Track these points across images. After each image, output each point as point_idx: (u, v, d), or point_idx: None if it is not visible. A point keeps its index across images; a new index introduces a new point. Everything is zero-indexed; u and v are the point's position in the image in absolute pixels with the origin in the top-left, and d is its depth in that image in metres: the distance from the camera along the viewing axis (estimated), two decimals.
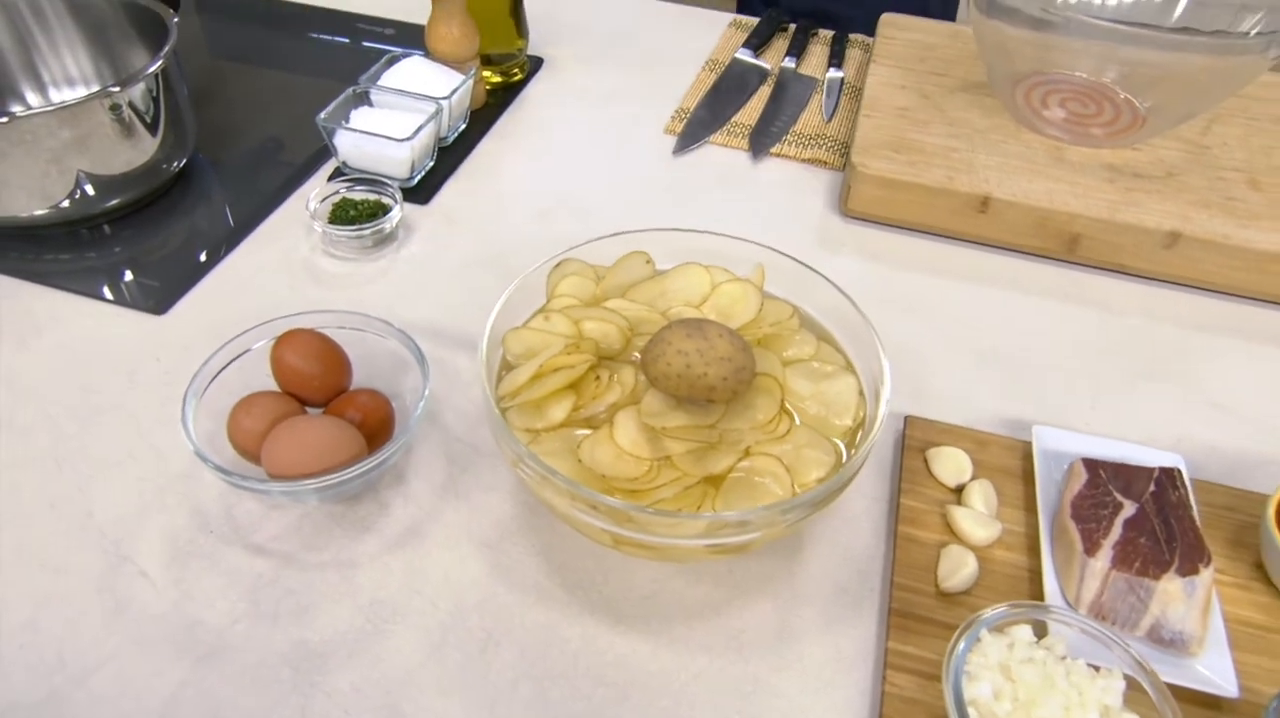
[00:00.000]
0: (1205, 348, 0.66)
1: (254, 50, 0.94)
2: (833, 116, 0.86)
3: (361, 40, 0.95)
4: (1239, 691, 0.44)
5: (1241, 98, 0.82)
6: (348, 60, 0.91)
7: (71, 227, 0.70)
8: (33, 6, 0.72)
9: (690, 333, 0.47)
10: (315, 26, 0.98)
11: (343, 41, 0.96)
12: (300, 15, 0.99)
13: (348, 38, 0.96)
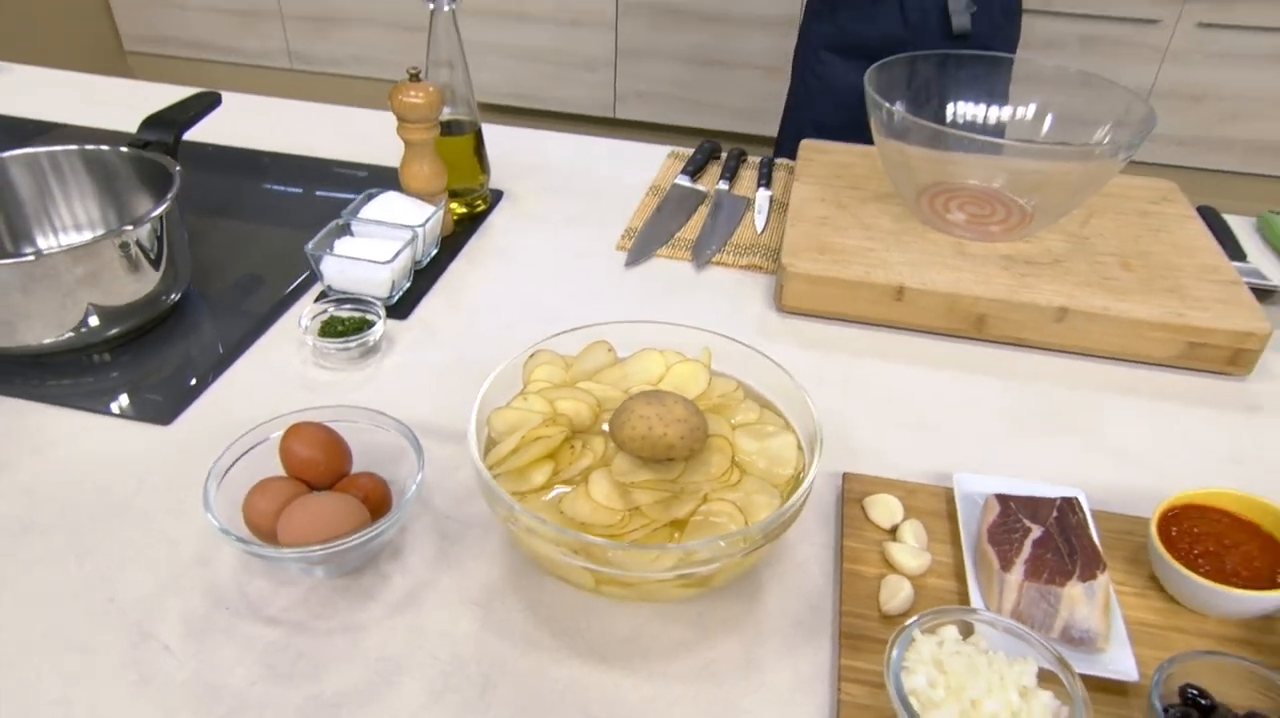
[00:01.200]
0: (1096, 404, 0.77)
1: (237, 195, 1.05)
2: (764, 229, 1.00)
3: (337, 182, 1.07)
4: (1139, 677, 0.52)
5: (1112, 196, 0.98)
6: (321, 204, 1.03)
7: (76, 353, 0.78)
8: (52, 161, 0.83)
9: (650, 401, 0.57)
10: (294, 172, 1.10)
11: (319, 184, 1.08)
12: (280, 163, 1.12)
13: (324, 181, 1.08)
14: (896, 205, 0.95)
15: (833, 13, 1.40)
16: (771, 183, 1.08)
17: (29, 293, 0.71)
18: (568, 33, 2.85)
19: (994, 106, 1.00)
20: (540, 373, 0.64)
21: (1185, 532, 0.59)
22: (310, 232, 0.85)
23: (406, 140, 0.91)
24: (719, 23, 2.76)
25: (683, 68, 2.84)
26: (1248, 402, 0.78)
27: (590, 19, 2.82)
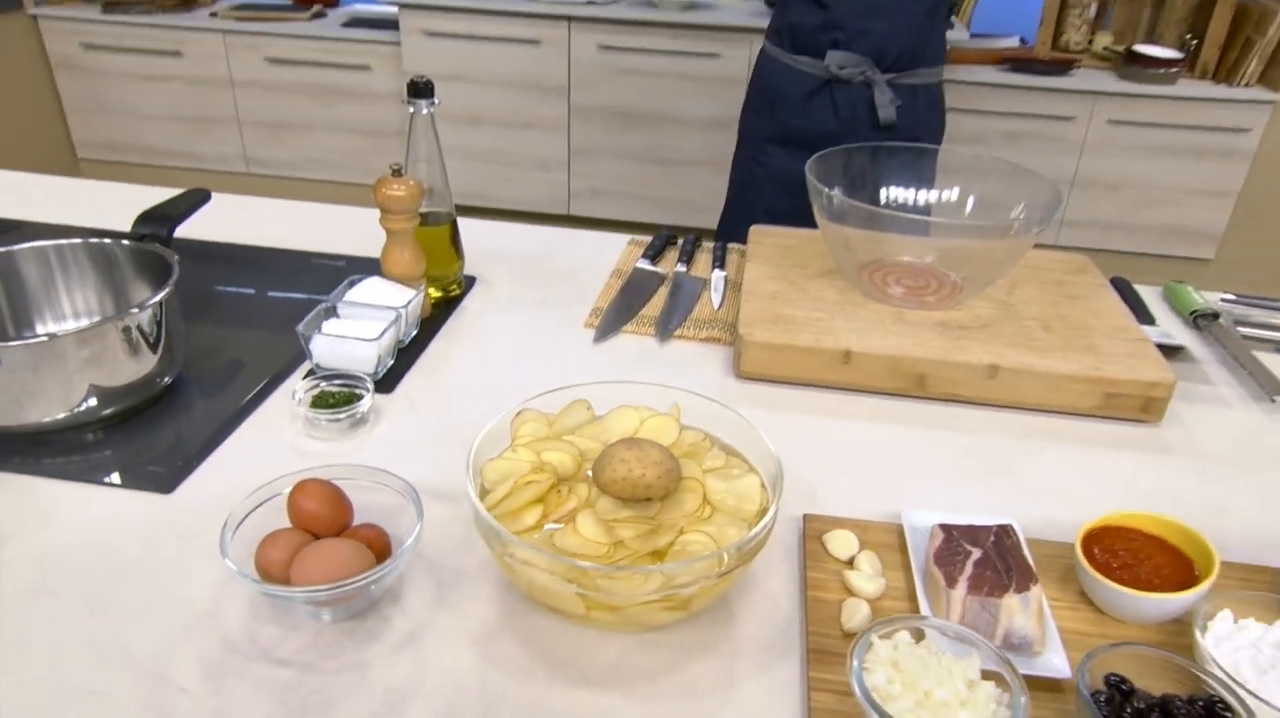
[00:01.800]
0: (1027, 450, 0.87)
1: (221, 285, 1.12)
2: (721, 305, 1.10)
3: (317, 272, 1.16)
4: (1071, 675, 0.59)
5: (1033, 268, 1.10)
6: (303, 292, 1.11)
7: (72, 432, 0.83)
8: (58, 253, 0.90)
9: (629, 447, 0.65)
10: (275, 263, 1.18)
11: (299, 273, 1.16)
12: (262, 255, 1.20)
13: (304, 271, 1.16)
14: (840, 280, 1.06)
15: (771, 109, 1.56)
16: (725, 264, 1.19)
17: (39, 372, 0.77)
18: (522, 135, 3.02)
19: (922, 191, 1.13)
20: (526, 429, 0.72)
21: (1106, 549, 0.67)
22: (294, 318, 0.92)
23: (389, 229, 1.00)
24: (664, 123, 2.95)
25: (632, 166, 3.02)
26: (1160, 446, 0.89)
27: (544, 123, 3.00)
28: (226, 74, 3.15)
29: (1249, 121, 2.70)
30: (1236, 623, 0.61)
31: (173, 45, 3.13)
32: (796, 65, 1.57)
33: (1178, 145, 2.77)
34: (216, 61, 3.13)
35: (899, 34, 1.51)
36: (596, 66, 2.89)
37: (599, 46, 2.85)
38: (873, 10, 1.49)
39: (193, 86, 3.19)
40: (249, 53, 3.10)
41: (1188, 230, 2.88)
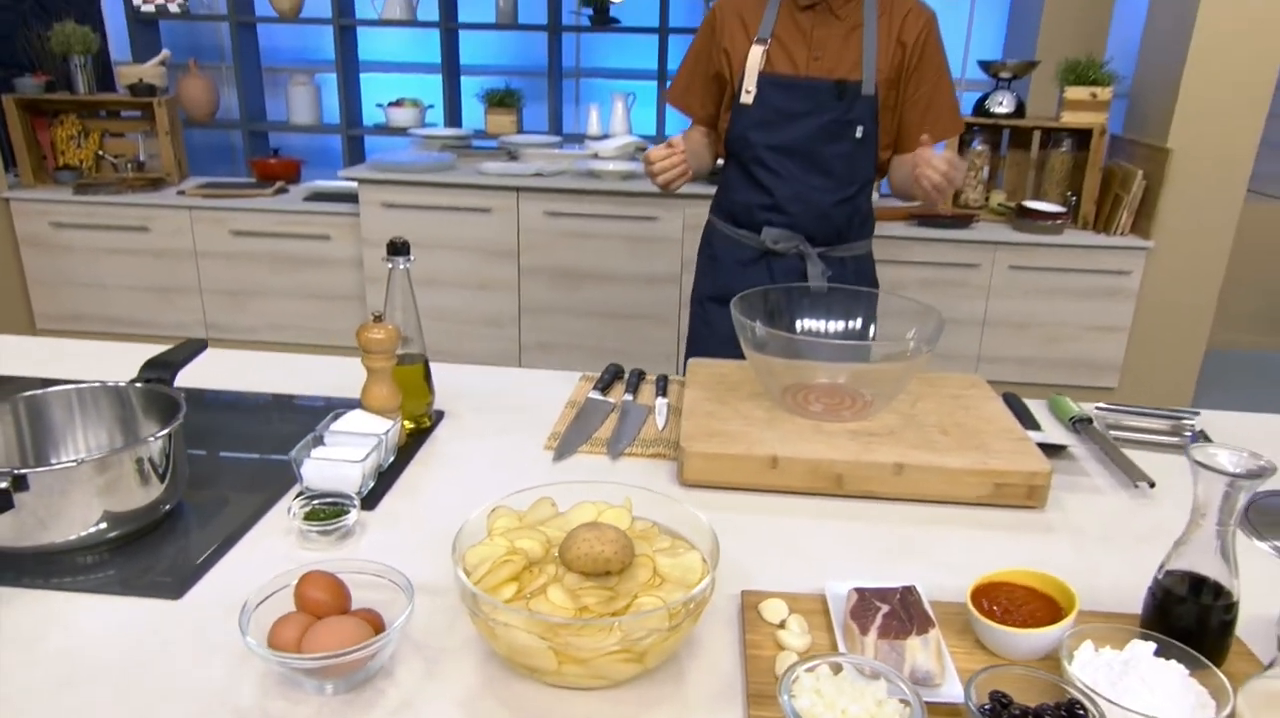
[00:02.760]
0: (930, 534, 1.01)
1: (213, 426, 1.24)
2: (665, 426, 1.25)
3: (299, 411, 1.28)
4: None
5: (933, 385, 1.28)
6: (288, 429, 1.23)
7: (79, 553, 0.92)
8: (79, 395, 1.02)
9: (591, 528, 0.78)
10: (261, 406, 1.30)
11: (283, 413, 1.28)
12: (248, 399, 1.32)
13: (287, 410, 1.29)
14: (768, 401, 1.22)
15: (714, 273, 1.75)
16: (667, 393, 1.35)
17: (65, 495, 0.88)
18: (476, 296, 3.22)
19: (832, 322, 1.31)
20: (500, 522, 0.84)
21: (991, 600, 0.81)
22: (281, 450, 1.04)
23: (369, 368, 1.14)
24: (607, 281, 3.19)
25: (578, 320, 3.23)
26: (1044, 526, 1.04)
27: (495, 283, 3.22)
28: (191, 246, 3.33)
29: (1129, 265, 3.03)
30: (1096, 651, 0.74)
31: (140, 221, 3.32)
32: (736, 236, 1.72)
33: (1071, 287, 3.08)
34: (182, 235, 3.32)
35: (829, 214, 1.65)
36: (544, 231, 3.14)
37: (545, 213, 3.12)
38: (806, 194, 1.64)
39: (158, 259, 3.36)
40: (214, 226, 3.30)
41: (1092, 363, 3.16)
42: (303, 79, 4.06)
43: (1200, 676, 0.70)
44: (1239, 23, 2.85)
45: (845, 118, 1.60)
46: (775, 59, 1.61)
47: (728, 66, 1.65)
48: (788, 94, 1.61)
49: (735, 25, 1.65)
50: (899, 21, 1.60)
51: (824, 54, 1.59)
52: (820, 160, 1.63)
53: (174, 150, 3.51)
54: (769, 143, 1.63)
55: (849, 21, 1.59)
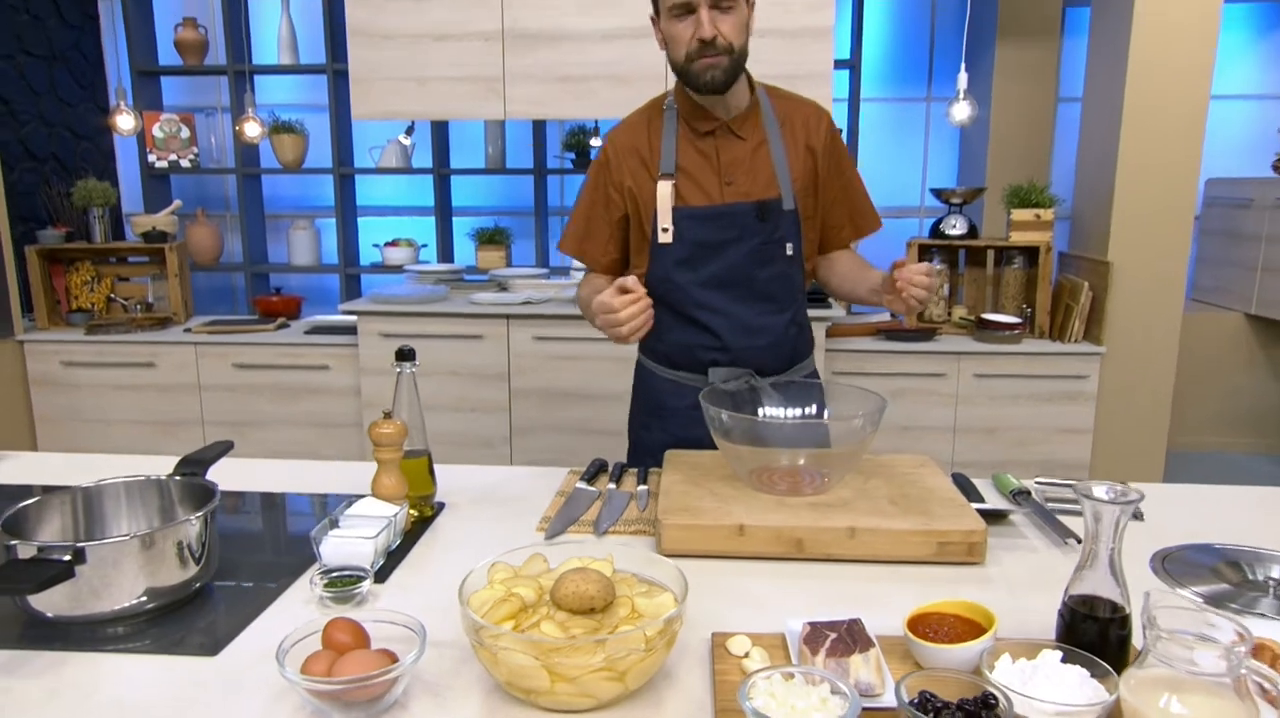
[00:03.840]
0: (880, 590, 1.14)
1: (235, 521, 1.37)
2: (645, 508, 1.39)
3: (312, 505, 1.42)
4: None
5: (884, 466, 1.43)
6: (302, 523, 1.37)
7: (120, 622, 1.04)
8: (127, 487, 1.16)
9: (577, 571, 0.91)
10: (279, 503, 1.44)
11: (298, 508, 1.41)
12: (266, 498, 1.46)
13: (301, 505, 1.42)
14: (737, 482, 1.37)
15: (662, 423, 1.70)
16: (647, 481, 1.49)
17: (118, 567, 1.01)
18: (468, 418, 3.38)
19: (791, 410, 1.48)
20: (499, 574, 0.97)
21: (926, 627, 0.94)
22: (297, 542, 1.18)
23: (379, 460, 1.29)
24: (593, 399, 3.36)
25: (568, 438, 3.38)
26: (983, 578, 1.17)
27: (487, 405, 3.38)
28: (195, 380, 3.50)
29: (1085, 370, 3.23)
30: (1013, 662, 0.87)
31: (148, 358, 3.50)
32: (678, 379, 1.64)
33: (1034, 392, 3.27)
34: (187, 370, 3.50)
35: (780, 340, 1.60)
36: (533, 355, 3.33)
37: (534, 338, 3.32)
38: (750, 324, 1.58)
39: (162, 393, 3.52)
40: (218, 360, 3.48)
41: (1061, 464, 3.31)
42: (303, 224, 4.35)
43: (1099, 676, 0.83)
44: (1158, 149, 3.17)
45: (773, 238, 1.56)
46: (686, 192, 1.55)
47: (633, 206, 1.59)
48: (708, 225, 1.55)
49: (634, 163, 1.59)
50: (801, 128, 1.59)
51: (736, 177, 1.55)
52: (756, 286, 1.58)
53: (182, 292, 3.73)
54: (699, 280, 1.57)
55: (752, 139, 1.56)
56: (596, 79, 3.26)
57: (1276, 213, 3.81)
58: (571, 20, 3.21)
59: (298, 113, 4.26)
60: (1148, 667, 0.79)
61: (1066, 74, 4.20)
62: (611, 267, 1.68)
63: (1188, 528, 1.32)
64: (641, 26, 3.21)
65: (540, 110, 3.30)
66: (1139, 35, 3.11)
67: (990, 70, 4.02)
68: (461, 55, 3.25)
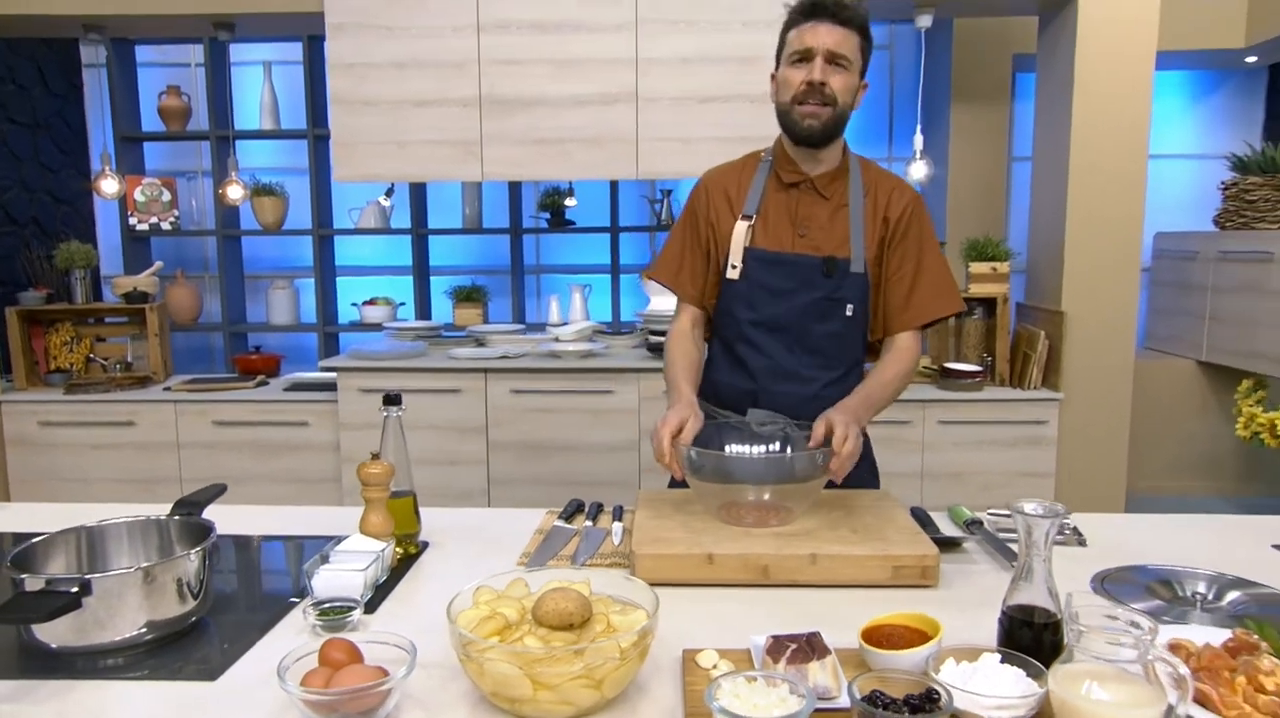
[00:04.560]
0: (841, 611, 1.22)
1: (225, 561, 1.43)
2: (620, 542, 1.46)
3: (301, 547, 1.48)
4: None
5: (844, 498, 1.52)
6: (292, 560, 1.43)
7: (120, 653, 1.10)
8: (129, 526, 1.23)
9: (556, 590, 0.99)
10: (265, 545, 1.50)
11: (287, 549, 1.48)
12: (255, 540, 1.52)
13: (289, 545, 1.48)
14: (707, 517, 1.46)
15: None
16: (622, 519, 1.57)
17: (122, 598, 1.07)
18: (447, 471, 3.44)
19: (755, 448, 1.57)
20: (483, 596, 1.05)
21: (879, 636, 1.02)
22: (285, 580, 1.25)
23: (367, 499, 1.36)
24: (570, 451, 3.43)
25: (544, 490, 3.44)
26: (936, 599, 1.26)
27: (465, 458, 3.44)
28: (174, 438, 3.54)
29: (1044, 415, 3.36)
30: (957, 664, 0.95)
31: (127, 417, 3.53)
32: (722, 416, 1.68)
33: (997, 438, 3.38)
34: (166, 428, 3.53)
35: (819, 396, 1.63)
36: (510, 408, 3.41)
37: (511, 391, 3.40)
38: (792, 373, 1.66)
39: (140, 451, 3.55)
40: (197, 418, 3.52)
41: None
42: (283, 284, 4.43)
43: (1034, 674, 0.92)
44: (1103, 205, 3.35)
45: (834, 295, 1.63)
46: (760, 235, 1.65)
47: (713, 241, 1.70)
48: (774, 270, 1.64)
49: (721, 201, 1.70)
50: (884, 199, 1.66)
51: (809, 231, 1.64)
52: (808, 338, 1.65)
53: (161, 351, 3.78)
54: (754, 318, 1.65)
55: (835, 200, 1.65)
56: (570, 142, 3.41)
57: (1220, 264, 4.00)
58: (546, 86, 3.37)
59: (278, 176, 4.38)
60: (1073, 662, 0.87)
61: (1018, 135, 4.42)
62: (697, 298, 1.75)
63: (1127, 552, 1.42)
64: (610, 93, 3.38)
65: (517, 172, 3.44)
66: (1080, 100, 3.31)
67: (947, 132, 4.23)
68: (441, 120, 3.40)
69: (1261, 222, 3.86)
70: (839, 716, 0.92)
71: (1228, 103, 4.69)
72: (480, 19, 3.35)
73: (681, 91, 3.37)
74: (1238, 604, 1.22)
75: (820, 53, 1.55)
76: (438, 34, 3.35)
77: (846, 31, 1.56)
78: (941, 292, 1.69)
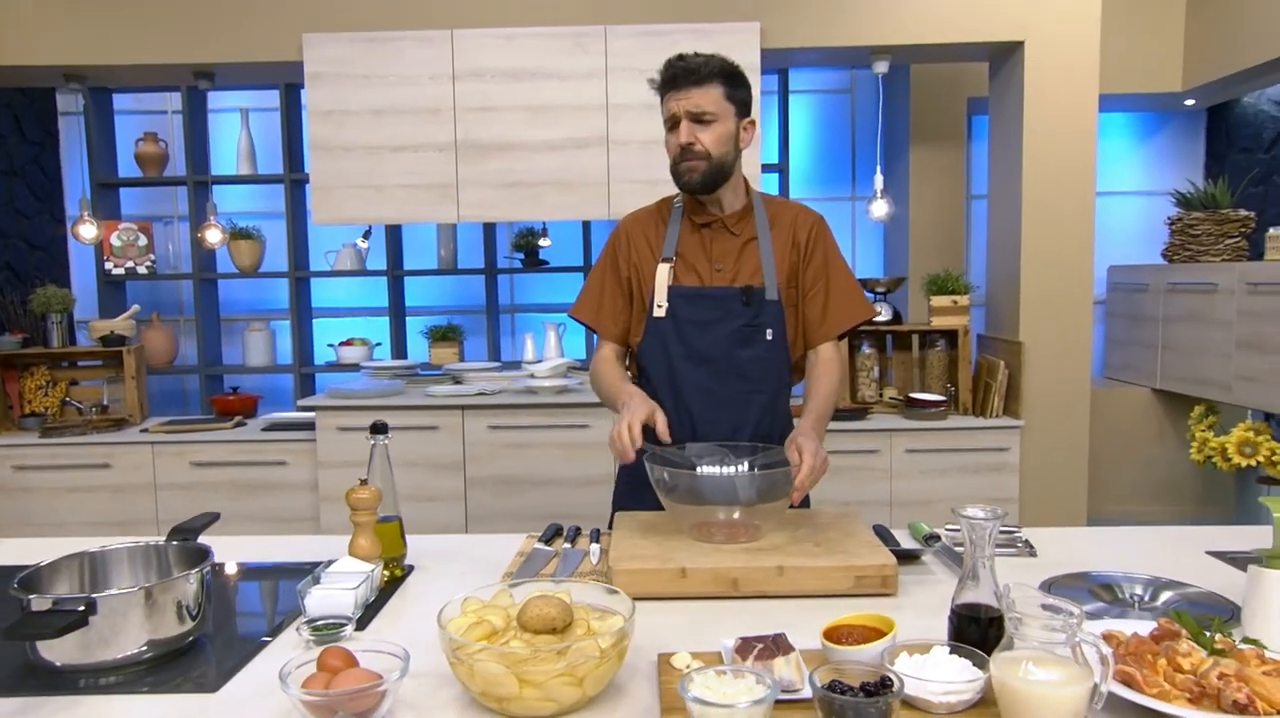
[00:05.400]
0: (807, 618, 1.30)
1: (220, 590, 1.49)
2: (598, 562, 1.54)
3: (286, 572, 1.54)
4: None
5: (809, 517, 1.61)
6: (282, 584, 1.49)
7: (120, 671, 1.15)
8: (129, 552, 1.28)
9: (539, 597, 1.07)
10: (255, 572, 1.56)
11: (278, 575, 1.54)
12: (246, 570, 1.58)
13: (280, 572, 1.54)
14: (679, 534, 1.54)
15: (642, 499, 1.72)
16: (600, 541, 1.65)
17: (127, 617, 1.13)
18: (425, 507, 3.49)
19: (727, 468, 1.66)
20: (470, 606, 1.12)
21: (840, 635, 1.10)
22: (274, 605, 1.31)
23: (355, 523, 1.43)
24: (546, 486, 3.50)
25: (520, 524, 3.49)
26: (895, 607, 1.34)
27: (443, 494, 3.49)
28: (151, 480, 3.56)
29: (1006, 442, 3.49)
30: (910, 657, 1.04)
31: (103, 459, 3.55)
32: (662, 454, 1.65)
33: (962, 465, 3.50)
34: (143, 470, 3.56)
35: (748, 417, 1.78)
36: (487, 444, 3.48)
37: (489, 427, 3.47)
38: (724, 398, 1.78)
39: (116, 494, 3.57)
40: (175, 459, 3.55)
41: None
42: (259, 326, 4.49)
43: (979, 664, 1.00)
44: (1055, 240, 3.51)
45: (754, 322, 1.77)
46: (681, 274, 1.80)
47: (635, 282, 1.84)
48: (697, 303, 1.78)
49: (642, 245, 1.84)
50: (788, 227, 1.81)
51: (725, 265, 1.79)
52: (735, 364, 1.78)
53: (139, 394, 3.82)
54: (684, 352, 1.78)
55: (744, 235, 1.80)
56: (543, 185, 3.52)
57: (1170, 296, 4.18)
58: (520, 132, 3.50)
59: (254, 219, 4.45)
60: (1012, 649, 0.96)
61: (976, 174, 4.61)
62: (620, 336, 1.88)
63: (1074, 562, 1.52)
64: (582, 138, 3.51)
65: (492, 214, 3.55)
66: (1029, 140, 3.49)
67: (906, 171, 4.40)
68: (417, 164, 3.50)
69: (1206, 254, 4.05)
70: (803, 707, 1.00)
71: (1171, 143, 4.93)
72: (455, 68, 3.47)
73: (649, 135, 3.50)
74: (1170, 603, 1.32)
75: (683, 116, 1.71)
76: (414, 82, 3.47)
77: (703, 89, 1.70)
78: (852, 302, 1.84)
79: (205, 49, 3.52)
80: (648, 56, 3.46)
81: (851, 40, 3.47)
